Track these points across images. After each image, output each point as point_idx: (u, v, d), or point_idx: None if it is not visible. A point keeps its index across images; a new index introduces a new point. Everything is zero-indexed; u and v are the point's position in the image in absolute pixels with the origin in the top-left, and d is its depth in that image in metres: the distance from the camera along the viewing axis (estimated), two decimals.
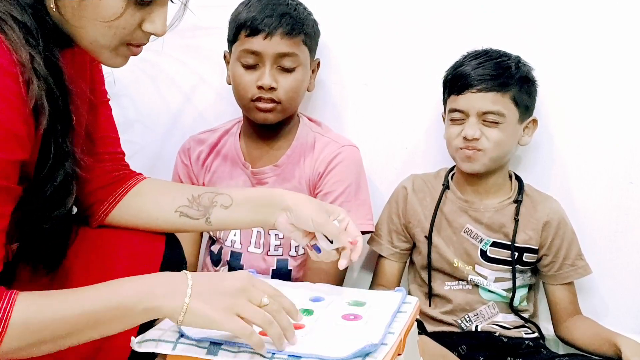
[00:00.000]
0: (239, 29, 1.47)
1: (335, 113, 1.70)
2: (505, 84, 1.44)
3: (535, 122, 1.52)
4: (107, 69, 1.14)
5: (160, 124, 1.78)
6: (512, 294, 1.51)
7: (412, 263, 1.62)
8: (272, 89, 1.46)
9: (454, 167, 1.57)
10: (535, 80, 1.51)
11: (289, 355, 0.88)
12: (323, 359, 0.87)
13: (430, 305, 1.55)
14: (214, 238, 1.62)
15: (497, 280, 1.52)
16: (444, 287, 1.54)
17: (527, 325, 1.53)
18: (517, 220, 1.50)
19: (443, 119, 1.57)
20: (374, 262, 1.65)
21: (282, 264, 1.56)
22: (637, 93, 1.54)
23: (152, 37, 0.99)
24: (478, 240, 1.52)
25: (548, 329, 1.57)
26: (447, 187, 1.55)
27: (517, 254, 1.50)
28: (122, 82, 1.55)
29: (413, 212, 1.57)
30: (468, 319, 1.52)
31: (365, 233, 1.57)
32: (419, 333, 1.21)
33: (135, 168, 1.25)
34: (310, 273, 1.48)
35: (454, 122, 1.49)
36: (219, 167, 1.60)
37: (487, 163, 1.47)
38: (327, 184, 1.52)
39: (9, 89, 0.85)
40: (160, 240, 1.17)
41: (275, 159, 1.56)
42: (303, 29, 1.48)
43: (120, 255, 1.13)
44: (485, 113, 1.44)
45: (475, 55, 1.49)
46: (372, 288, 1.61)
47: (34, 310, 0.85)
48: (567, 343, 1.54)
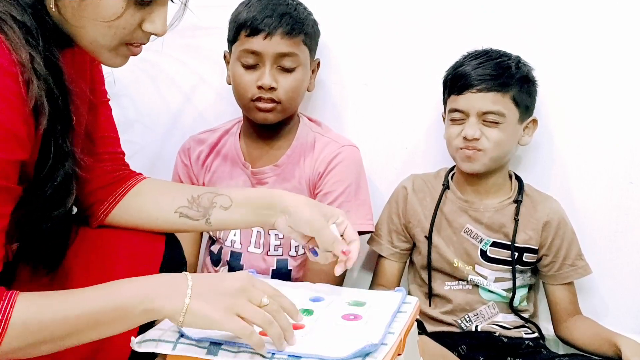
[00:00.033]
0: (239, 29, 1.47)
1: (335, 113, 1.70)
2: (506, 84, 1.44)
3: (535, 122, 1.52)
4: (107, 69, 1.14)
5: (160, 124, 1.78)
6: (512, 294, 1.51)
7: (412, 263, 1.62)
8: (272, 89, 1.46)
9: (454, 167, 1.57)
10: (536, 80, 1.51)
11: (289, 355, 0.88)
12: (323, 359, 0.87)
13: (430, 305, 1.55)
14: (214, 238, 1.62)
15: (497, 280, 1.52)
16: (444, 287, 1.54)
17: (527, 325, 1.53)
18: (517, 220, 1.50)
19: (443, 119, 1.57)
20: (374, 262, 1.65)
21: (282, 264, 1.56)
22: (637, 93, 1.54)
23: (152, 37, 0.99)
24: (478, 240, 1.52)
25: (548, 329, 1.57)
26: (447, 187, 1.55)
27: (517, 254, 1.50)
28: (122, 82, 1.55)
29: (413, 212, 1.57)
30: (468, 319, 1.52)
31: (365, 233, 1.57)
32: (419, 333, 1.21)
33: (135, 168, 1.25)
34: (310, 273, 1.48)
35: (454, 122, 1.49)
36: (219, 167, 1.60)
37: (487, 163, 1.47)
38: (327, 184, 1.52)
39: (9, 89, 0.85)
40: (160, 241, 1.17)
41: (275, 159, 1.56)
42: (303, 29, 1.48)
43: (120, 256, 1.13)
44: (486, 113, 1.44)
45: (476, 55, 1.49)
46: (372, 288, 1.61)
47: (34, 311, 0.85)
48: (567, 343, 1.54)
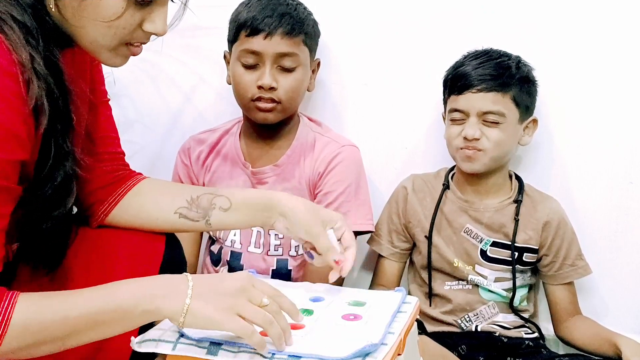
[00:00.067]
0: (239, 29, 1.47)
1: (335, 113, 1.70)
2: (506, 84, 1.44)
3: (536, 122, 1.52)
4: (107, 69, 1.14)
5: (160, 124, 1.78)
6: (512, 294, 1.51)
7: (412, 263, 1.62)
8: (272, 89, 1.46)
9: (454, 167, 1.57)
10: (536, 80, 1.51)
11: (289, 355, 0.88)
12: (323, 359, 0.87)
13: (431, 305, 1.55)
14: (214, 238, 1.62)
15: (497, 280, 1.52)
16: (444, 287, 1.54)
17: (527, 325, 1.53)
18: (517, 220, 1.50)
19: (443, 119, 1.57)
20: (374, 262, 1.65)
21: (282, 264, 1.56)
22: (637, 93, 1.54)
23: (152, 36, 0.99)
24: (478, 240, 1.52)
25: (548, 329, 1.57)
26: (447, 187, 1.55)
27: (517, 254, 1.50)
28: (122, 82, 1.55)
29: (413, 212, 1.57)
30: (468, 319, 1.52)
31: (365, 233, 1.57)
32: (419, 333, 1.21)
33: (135, 168, 1.25)
34: (310, 273, 1.48)
35: (454, 122, 1.49)
36: (219, 167, 1.60)
37: (487, 163, 1.47)
38: (327, 184, 1.52)
39: (9, 89, 0.85)
40: (160, 241, 1.17)
41: (275, 159, 1.55)
42: (303, 29, 1.48)
43: (120, 256, 1.13)
44: (486, 113, 1.44)
45: (476, 55, 1.49)
46: (372, 288, 1.61)
47: (34, 311, 0.85)
48: (567, 343, 1.54)
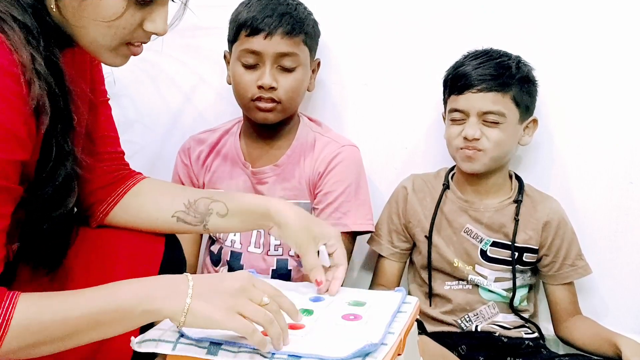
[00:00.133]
0: (239, 29, 1.47)
1: (335, 113, 1.70)
2: (506, 84, 1.44)
3: (536, 122, 1.52)
4: (107, 69, 1.14)
5: (160, 124, 1.78)
6: (512, 294, 1.51)
7: (412, 263, 1.62)
8: (272, 89, 1.46)
9: (454, 167, 1.57)
10: (536, 80, 1.51)
11: (289, 355, 0.88)
12: (323, 359, 0.87)
13: (431, 305, 1.55)
14: (214, 238, 1.62)
15: (497, 280, 1.52)
16: (444, 287, 1.54)
17: (527, 325, 1.53)
18: (517, 220, 1.50)
19: (443, 119, 1.57)
20: (374, 262, 1.65)
21: (282, 264, 1.56)
22: (637, 93, 1.54)
23: (152, 36, 0.99)
24: (478, 240, 1.52)
25: (548, 329, 1.57)
26: (447, 187, 1.55)
27: (517, 254, 1.50)
28: (122, 82, 1.55)
29: (413, 212, 1.57)
30: (468, 319, 1.52)
31: (365, 233, 1.57)
32: (419, 333, 1.21)
33: (135, 168, 1.25)
34: None
35: (455, 122, 1.49)
36: (219, 166, 1.60)
37: (487, 163, 1.47)
38: (327, 184, 1.52)
39: (10, 89, 0.85)
40: (160, 241, 1.18)
41: (275, 159, 1.55)
42: (303, 29, 1.48)
43: (120, 256, 1.13)
44: (486, 113, 1.44)
45: (476, 55, 1.49)
46: (372, 288, 1.61)
47: (35, 312, 0.85)
48: (567, 343, 1.54)
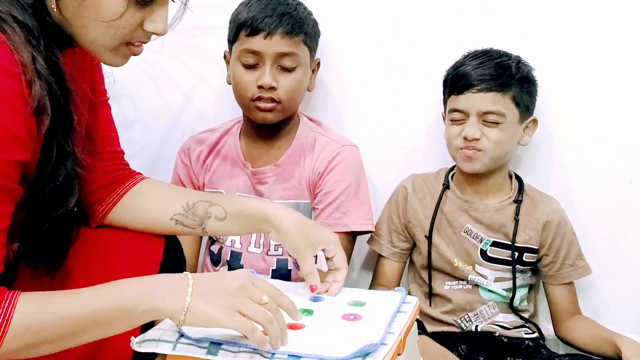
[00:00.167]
0: (239, 29, 1.47)
1: (335, 113, 1.70)
2: (506, 84, 1.44)
3: (536, 122, 1.52)
4: (107, 69, 1.14)
5: (160, 124, 1.78)
6: (512, 294, 1.51)
7: (412, 263, 1.62)
8: (272, 89, 1.46)
9: (454, 167, 1.57)
10: (536, 80, 1.51)
11: (289, 355, 0.88)
12: (323, 359, 0.87)
13: (431, 305, 1.55)
14: (214, 238, 1.62)
15: (497, 280, 1.52)
16: (444, 286, 1.54)
17: (527, 325, 1.53)
18: (517, 220, 1.50)
19: (443, 119, 1.57)
20: (374, 262, 1.65)
21: (282, 264, 1.56)
22: (637, 93, 1.54)
23: (152, 36, 0.99)
24: (478, 240, 1.52)
25: (548, 329, 1.57)
26: (447, 186, 1.55)
27: (517, 254, 1.50)
28: (122, 82, 1.55)
29: (413, 211, 1.57)
30: (468, 319, 1.52)
31: (365, 233, 1.57)
32: (419, 333, 1.21)
33: (135, 168, 1.25)
34: None
35: (454, 122, 1.49)
36: (219, 166, 1.60)
37: (487, 163, 1.47)
38: (327, 184, 1.52)
39: (10, 89, 0.85)
40: (160, 241, 1.18)
41: (275, 159, 1.56)
42: (303, 29, 1.48)
43: (120, 256, 1.13)
44: (486, 113, 1.44)
45: (476, 55, 1.49)
46: (372, 288, 1.61)
47: (35, 311, 0.85)
48: (567, 343, 1.54)
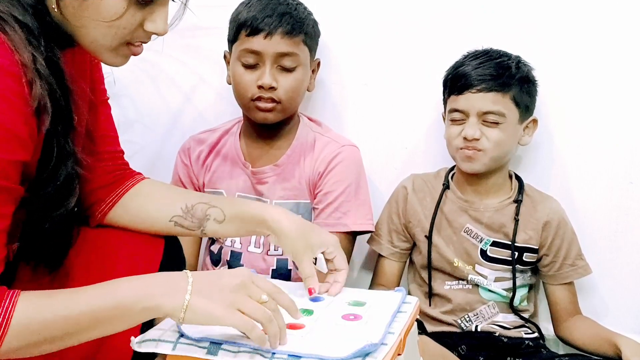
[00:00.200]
0: (239, 29, 1.48)
1: (335, 113, 1.70)
2: (506, 84, 1.44)
3: (536, 122, 1.52)
4: (107, 69, 1.14)
5: (160, 124, 1.78)
6: (512, 294, 1.51)
7: (412, 263, 1.62)
8: (272, 89, 1.46)
9: (454, 167, 1.57)
10: (536, 80, 1.51)
11: (289, 355, 0.88)
12: (323, 359, 0.87)
13: (430, 305, 1.55)
14: (214, 238, 1.62)
15: (497, 280, 1.52)
16: (444, 286, 1.54)
17: (527, 325, 1.53)
18: (517, 220, 1.50)
19: (443, 119, 1.57)
20: (374, 262, 1.65)
21: (282, 264, 1.56)
22: (637, 93, 1.54)
23: (153, 36, 0.99)
24: (478, 240, 1.52)
25: (548, 329, 1.57)
26: (447, 186, 1.55)
27: (517, 254, 1.50)
28: (122, 82, 1.55)
29: (413, 211, 1.57)
30: (468, 319, 1.52)
31: (365, 233, 1.57)
32: (419, 333, 1.21)
33: (135, 168, 1.25)
34: None
35: (454, 122, 1.49)
36: (219, 166, 1.60)
37: (487, 163, 1.47)
38: (327, 184, 1.52)
39: (11, 90, 0.85)
40: (160, 241, 1.18)
41: (275, 159, 1.56)
42: (303, 29, 1.48)
43: (120, 255, 1.13)
44: (486, 113, 1.44)
45: (476, 55, 1.49)
46: (372, 288, 1.61)
47: (35, 311, 0.85)
48: (567, 343, 1.54)
